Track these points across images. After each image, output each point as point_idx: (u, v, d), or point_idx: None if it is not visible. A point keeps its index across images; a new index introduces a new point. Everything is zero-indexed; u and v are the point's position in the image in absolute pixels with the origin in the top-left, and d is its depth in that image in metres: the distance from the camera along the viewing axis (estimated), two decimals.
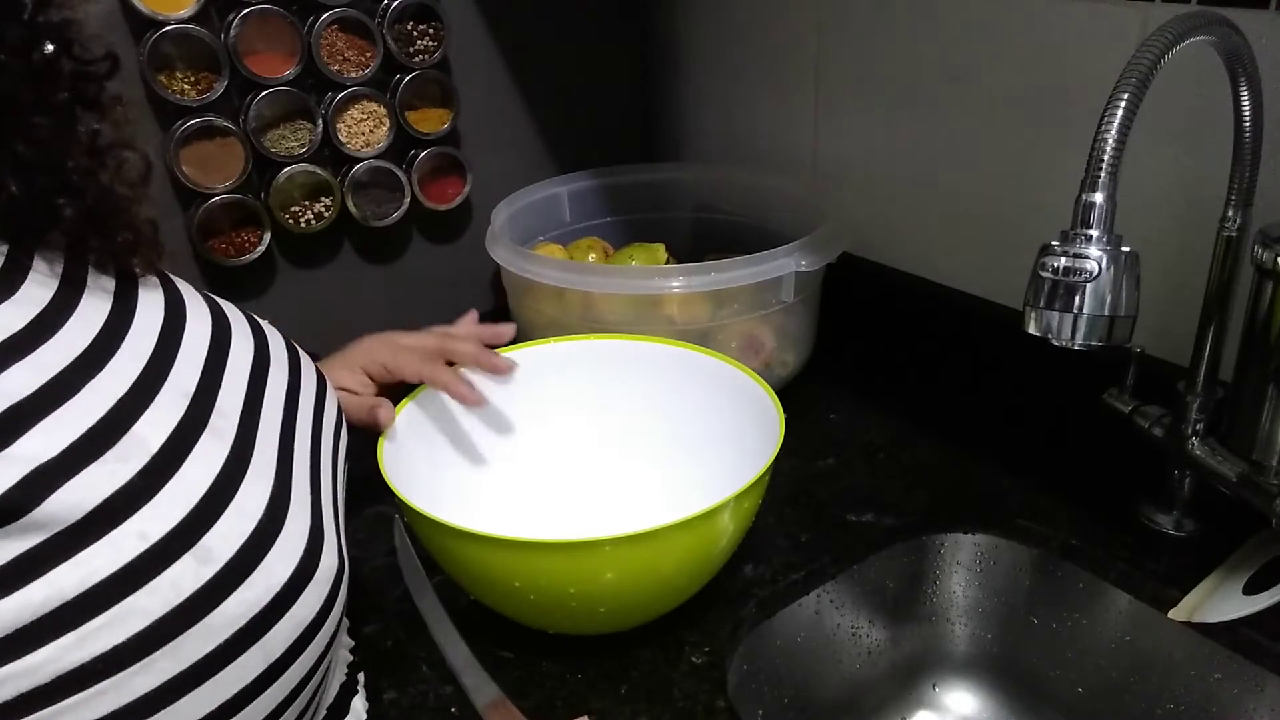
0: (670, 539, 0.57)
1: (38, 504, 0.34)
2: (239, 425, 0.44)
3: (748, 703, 0.68)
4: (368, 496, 0.68)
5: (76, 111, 0.43)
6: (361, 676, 0.57)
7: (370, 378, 0.72)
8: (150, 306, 0.46)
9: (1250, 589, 0.65)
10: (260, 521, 0.40)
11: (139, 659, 0.36)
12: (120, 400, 0.39)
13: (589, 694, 0.61)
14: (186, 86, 0.83)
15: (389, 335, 0.74)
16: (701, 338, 0.83)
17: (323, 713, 0.49)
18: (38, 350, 0.38)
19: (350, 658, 0.57)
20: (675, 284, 0.82)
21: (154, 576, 0.36)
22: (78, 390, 0.38)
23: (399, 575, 0.72)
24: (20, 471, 0.34)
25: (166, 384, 0.42)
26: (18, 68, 0.40)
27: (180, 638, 0.36)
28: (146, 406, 0.40)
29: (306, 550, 0.42)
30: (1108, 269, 0.53)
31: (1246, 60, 0.57)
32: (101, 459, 0.36)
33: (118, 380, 0.40)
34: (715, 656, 0.63)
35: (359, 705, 0.55)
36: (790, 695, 0.72)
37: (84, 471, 0.36)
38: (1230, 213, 0.62)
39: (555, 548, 0.55)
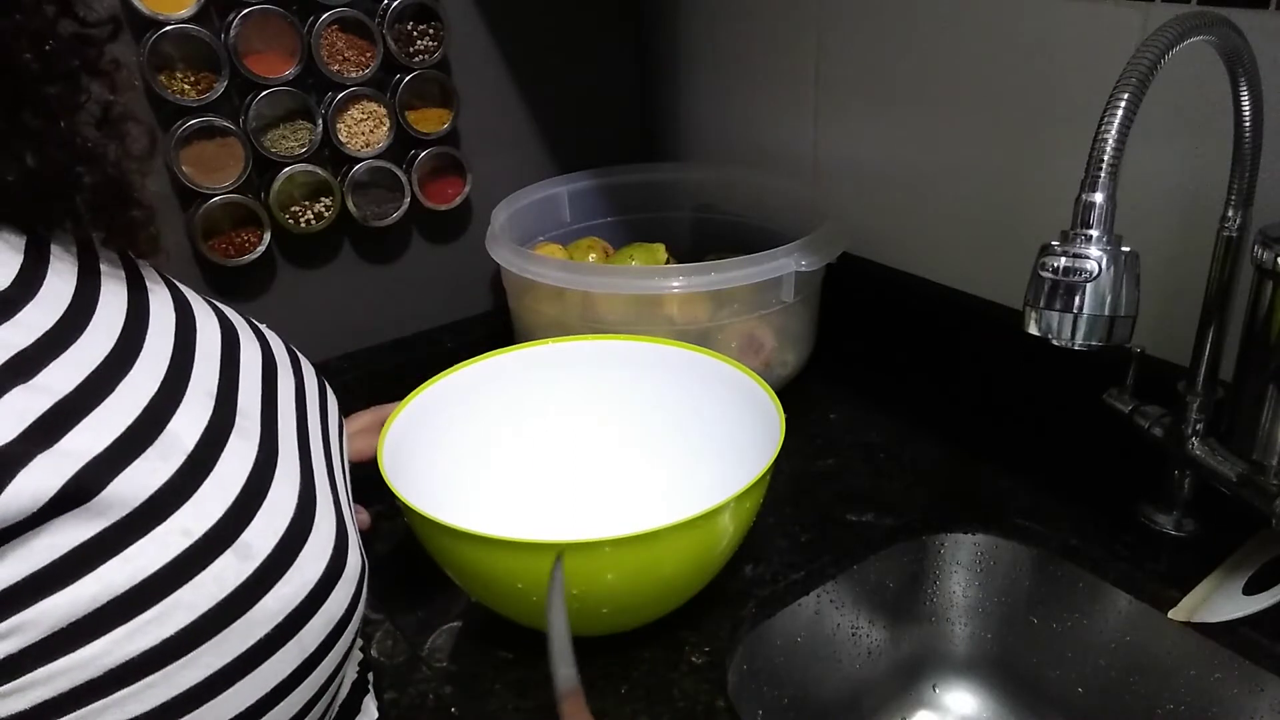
0: (670, 540, 0.57)
1: (102, 488, 0.35)
2: (262, 426, 0.45)
3: (748, 703, 0.68)
4: (368, 497, 0.68)
5: (83, 80, 0.43)
6: (371, 675, 0.57)
7: None
8: (161, 306, 0.46)
9: (1250, 589, 0.65)
10: (293, 519, 0.41)
11: (186, 653, 0.36)
12: (153, 399, 0.40)
13: (589, 694, 0.61)
14: (186, 86, 0.83)
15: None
16: (701, 338, 0.83)
17: (336, 710, 0.50)
18: (71, 348, 0.38)
19: (360, 655, 0.57)
20: (675, 284, 0.82)
21: (199, 572, 0.37)
22: (114, 387, 0.38)
23: (399, 575, 0.72)
24: (74, 465, 0.34)
25: (191, 384, 0.43)
26: (21, 34, 0.40)
27: (224, 632, 0.37)
28: (177, 405, 0.41)
29: (335, 548, 0.43)
30: (1108, 269, 0.53)
31: (1246, 60, 0.57)
32: (144, 455, 0.37)
33: (148, 378, 0.41)
34: (715, 656, 0.63)
35: (370, 705, 0.55)
36: (790, 695, 0.72)
37: (130, 467, 0.36)
38: (1230, 213, 0.62)
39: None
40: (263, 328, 0.54)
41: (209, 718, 0.37)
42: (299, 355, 0.55)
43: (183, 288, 0.50)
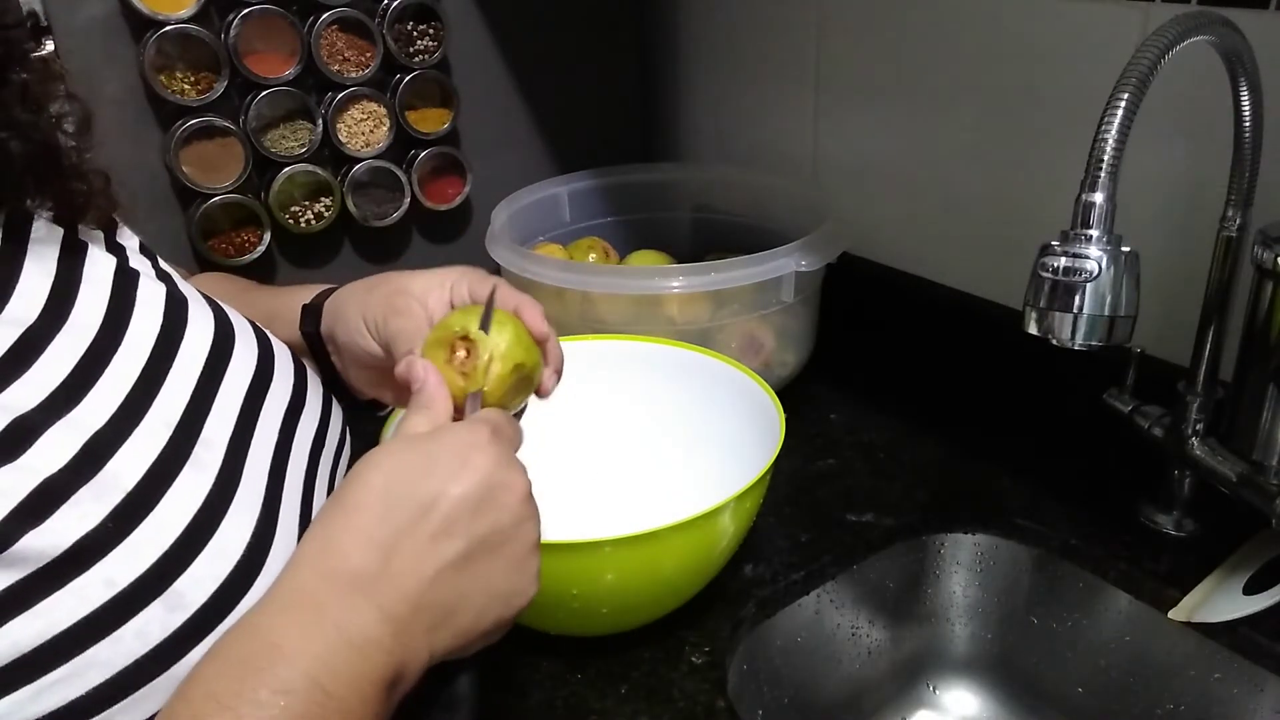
0: (670, 540, 0.57)
1: (14, 541, 0.33)
2: (225, 456, 0.42)
3: (748, 703, 0.68)
4: None
5: (9, 71, 0.41)
6: None
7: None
8: (148, 311, 0.44)
9: (1250, 589, 0.65)
10: (239, 562, 0.39)
11: (96, 713, 0.34)
12: (97, 433, 0.37)
13: (589, 694, 0.61)
14: (186, 86, 0.83)
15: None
16: (701, 338, 0.83)
17: None
18: (11, 387, 0.36)
19: None
20: (675, 284, 0.82)
21: (118, 626, 0.35)
22: (49, 426, 0.36)
23: None
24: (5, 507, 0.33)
25: (149, 413, 0.40)
26: None
27: (142, 690, 0.35)
28: (125, 439, 0.38)
29: None
30: (1108, 269, 0.53)
31: (1246, 60, 0.57)
32: (73, 499, 0.35)
33: (96, 412, 0.38)
34: (715, 656, 0.63)
35: None
36: (790, 695, 0.72)
37: (53, 516, 0.34)
38: (1230, 213, 0.62)
39: (556, 549, 0.55)
40: (270, 335, 0.52)
41: None
42: (306, 368, 0.53)
43: (184, 289, 0.48)
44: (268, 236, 0.91)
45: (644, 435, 0.78)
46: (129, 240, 0.49)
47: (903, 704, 0.79)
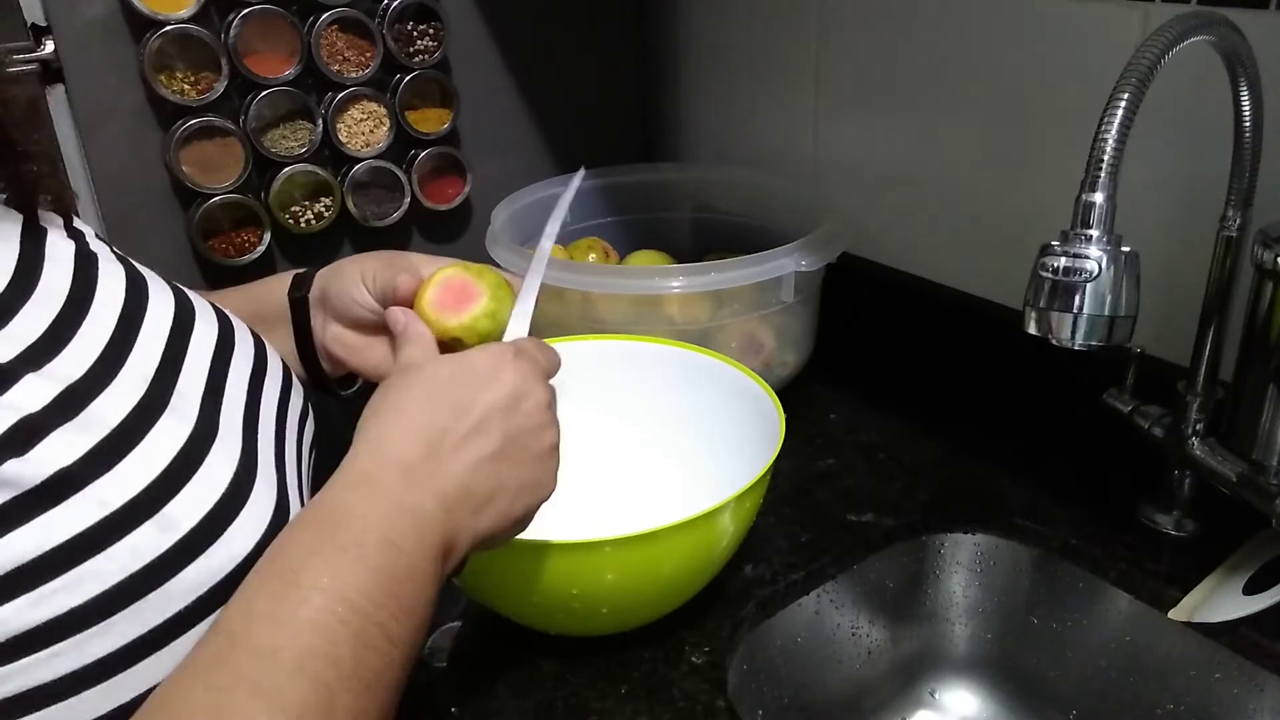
0: (671, 540, 0.57)
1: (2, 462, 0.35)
2: (201, 407, 0.45)
3: (748, 703, 0.68)
4: None
5: None
6: None
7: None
8: (111, 286, 0.46)
9: (1250, 589, 0.65)
10: (225, 493, 0.41)
11: (97, 622, 0.36)
12: (75, 383, 0.39)
13: (589, 694, 0.61)
14: (186, 86, 0.83)
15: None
16: (701, 338, 0.83)
17: None
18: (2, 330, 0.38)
19: None
20: (675, 284, 0.82)
21: (113, 542, 0.37)
22: (25, 374, 0.38)
23: None
24: None
25: (125, 367, 0.43)
26: None
27: (139, 603, 0.37)
28: (104, 388, 0.40)
29: (272, 522, 0.43)
30: (1108, 269, 0.53)
31: (1246, 60, 0.57)
32: (60, 429, 0.37)
33: (72, 366, 0.40)
34: (715, 656, 0.63)
35: None
36: (790, 695, 0.72)
37: (44, 440, 0.36)
38: (1230, 213, 0.62)
39: (556, 549, 0.55)
40: (229, 313, 0.54)
41: (129, 685, 0.37)
42: (265, 343, 0.55)
43: (142, 269, 0.50)
44: (268, 236, 0.91)
45: (644, 435, 0.78)
46: (85, 227, 0.51)
47: (903, 704, 0.79)
